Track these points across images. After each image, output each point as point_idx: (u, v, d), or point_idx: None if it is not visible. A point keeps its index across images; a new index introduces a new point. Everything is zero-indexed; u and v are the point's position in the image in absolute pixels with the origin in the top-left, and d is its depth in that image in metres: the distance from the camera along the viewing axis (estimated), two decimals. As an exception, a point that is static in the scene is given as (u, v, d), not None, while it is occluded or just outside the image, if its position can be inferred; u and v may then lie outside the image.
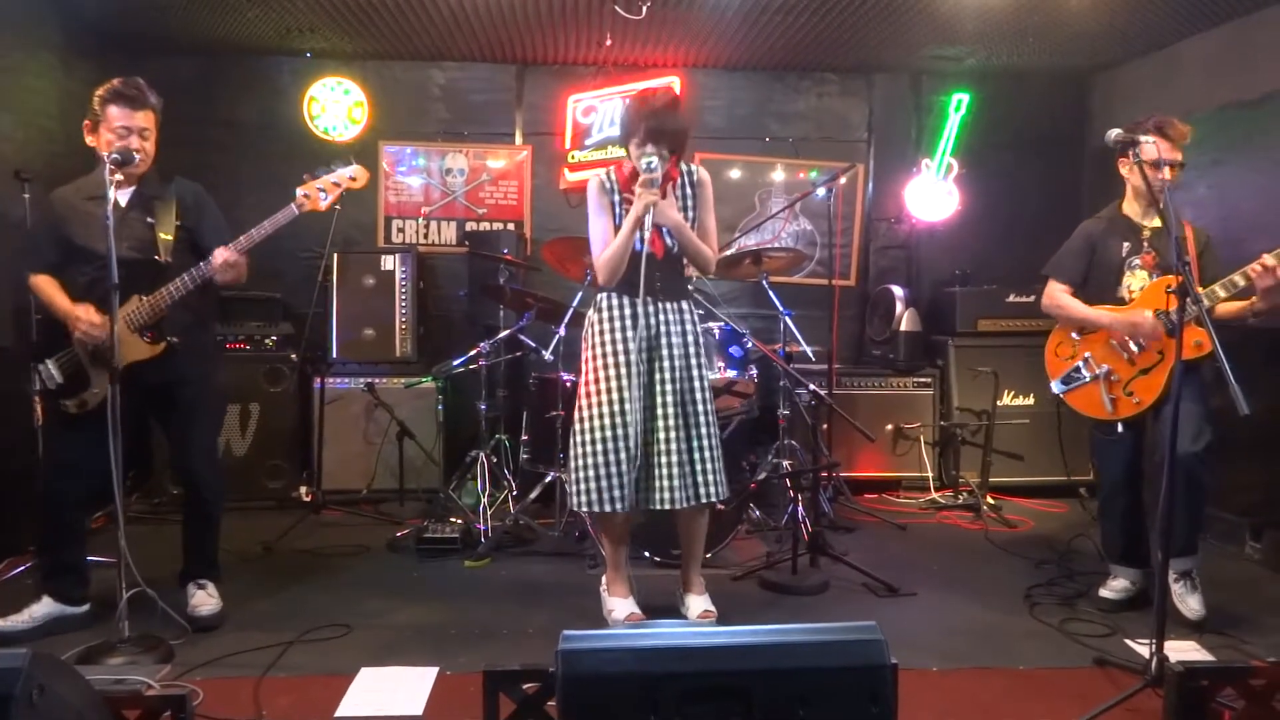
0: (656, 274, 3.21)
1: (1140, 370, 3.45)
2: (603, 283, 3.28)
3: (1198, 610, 3.38)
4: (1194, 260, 3.37)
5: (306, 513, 4.77)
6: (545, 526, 4.48)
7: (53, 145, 4.56)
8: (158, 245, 3.26)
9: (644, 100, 3.23)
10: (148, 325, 3.22)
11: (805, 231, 6.12)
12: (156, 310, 3.20)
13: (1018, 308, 5.58)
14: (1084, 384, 3.58)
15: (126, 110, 3.20)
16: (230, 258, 3.21)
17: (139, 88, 3.24)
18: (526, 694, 2.07)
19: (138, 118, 3.22)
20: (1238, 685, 2.32)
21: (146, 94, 3.25)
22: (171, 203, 3.33)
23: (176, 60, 5.51)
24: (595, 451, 3.22)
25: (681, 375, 3.26)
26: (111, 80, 3.23)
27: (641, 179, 3.12)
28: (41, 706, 1.73)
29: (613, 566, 3.44)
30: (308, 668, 3.00)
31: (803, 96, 6.08)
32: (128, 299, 3.16)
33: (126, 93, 3.20)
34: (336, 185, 3.37)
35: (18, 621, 3.23)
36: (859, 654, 1.78)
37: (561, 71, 5.92)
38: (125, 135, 3.20)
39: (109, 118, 3.20)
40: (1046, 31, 5.02)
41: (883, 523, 4.92)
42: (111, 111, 3.19)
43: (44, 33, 4.60)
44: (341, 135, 5.77)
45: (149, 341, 3.22)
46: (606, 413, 3.22)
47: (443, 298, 5.84)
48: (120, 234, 3.09)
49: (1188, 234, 3.43)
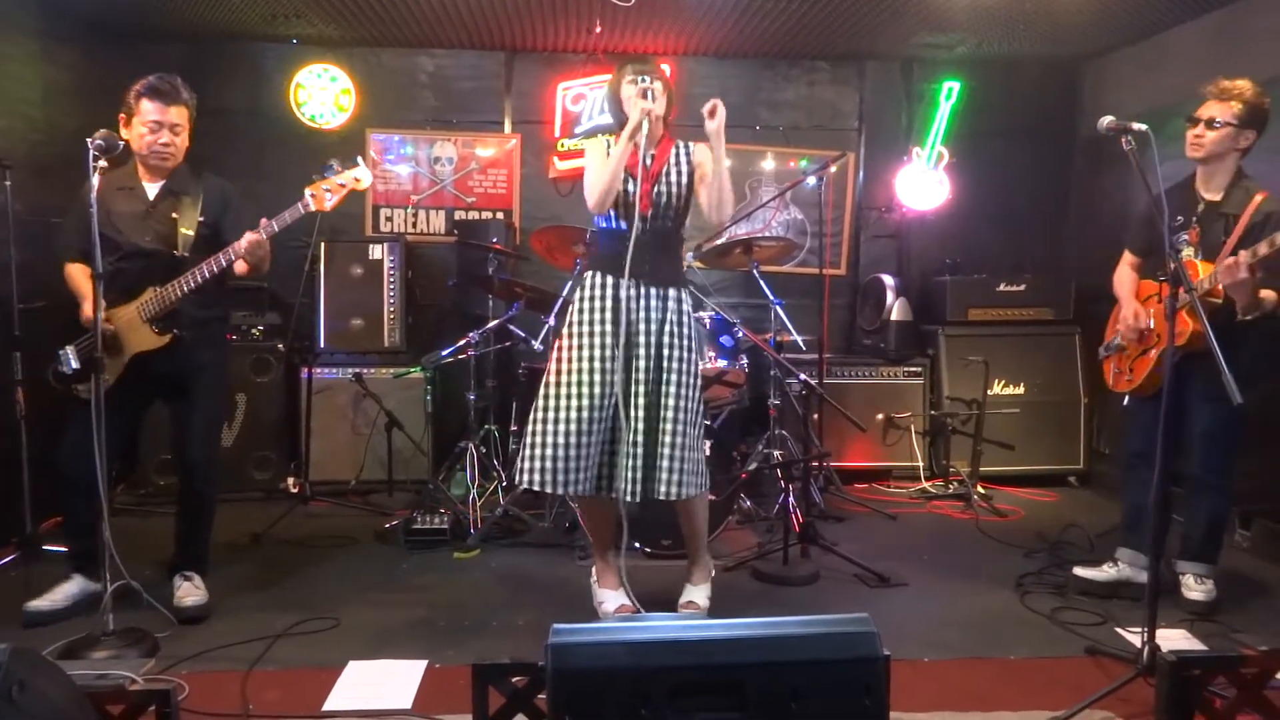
0: (645, 255, 3.13)
1: (1143, 350, 3.48)
2: (591, 208, 3.19)
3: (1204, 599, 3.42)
4: (1237, 234, 3.23)
5: (294, 504, 4.74)
6: (535, 517, 4.47)
7: (35, 133, 4.50)
8: (177, 239, 3.30)
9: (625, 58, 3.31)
10: (158, 316, 3.26)
11: (796, 220, 6.10)
12: (167, 301, 3.24)
13: (1008, 296, 5.57)
14: (1111, 353, 3.66)
15: (159, 105, 3.26)
16: (256, 238, 3.22)
17: (173, 84, 3.30)
18: (516, 687, 2.06)
19: (170, 113, 3.27)
20: (1229, 674, 2.32)
21: (180, 90, 3.31)
22: (198, 198, 3.38)
23: (160, 46, 5.44)
24: (553, 431, 3.09)
25: (652, 366, 3.15)
26: (147, 76, 3.29)
27: (638, 89, 3.10)
28: (22, 703, 1.70)
29: (601, 557, 3.41)
30: (295, 661, 2.98)
31: (793, 85, 6.05)
32: (142, 290, 3.24)
33: (160, 88, 3.26)
34: (343, 186, 3.39)
35: (53, 601, 3.28)
36: (851, 646, 1.77)
37: (551, 59, 5.88)
38: (156, 129, 3.26)
39: (141, 112, 3.25)
40: (1037, 19, 5.01)
41: (873, 513, 4.92)
42: (144, 106, 3.25)
43: (25, 19, 4.52)
44: (329, 123, 5.71)
45: (157, 332, 3.27)
46: (574, 394, 3.10)
47: (431, 287, 5.80)
48: (145, 225, 3.28)
49: (1249, 209, 3.26)
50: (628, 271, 3.04)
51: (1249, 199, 3.28)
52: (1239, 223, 3.26)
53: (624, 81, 3.23)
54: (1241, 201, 3.29)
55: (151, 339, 3.27)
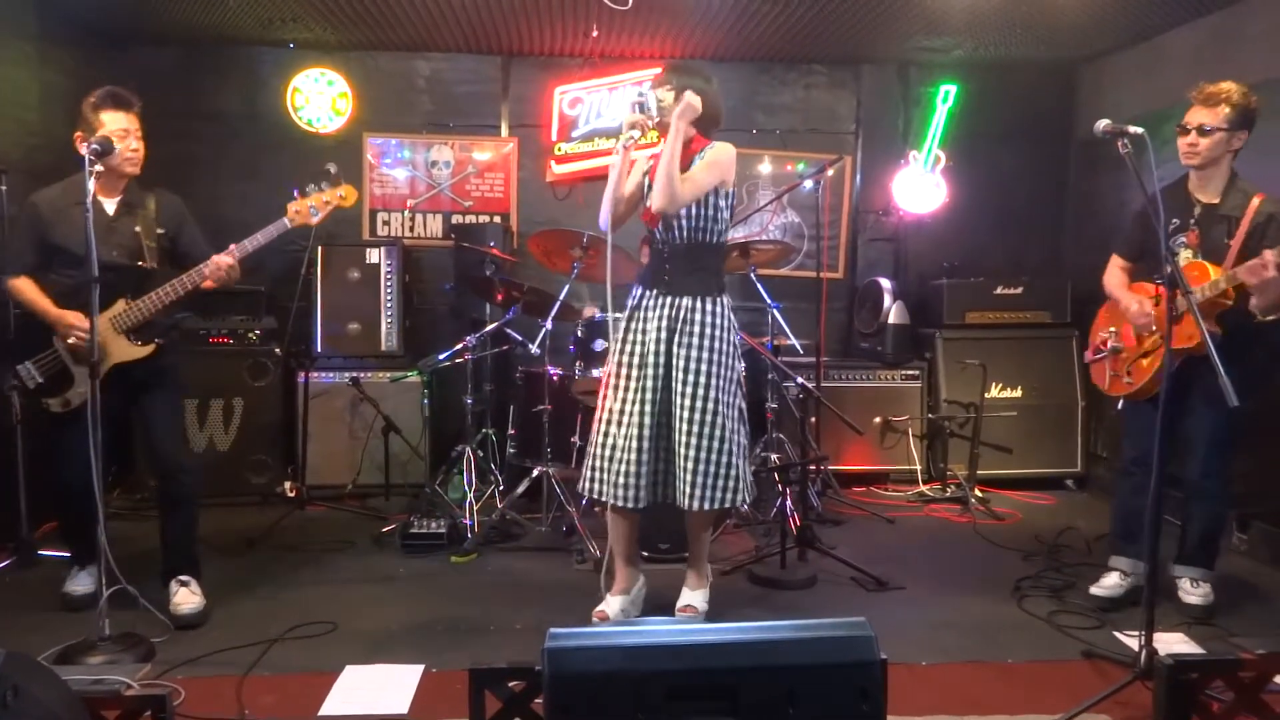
0: (665, 265, 3.21)
1: (1142, 353, 3.45)
2: (600, 223, 3.22)
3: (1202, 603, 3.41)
4: (1238, 241, 3.23)
5: (291, 508, 4.72)
6: (532, 521, 4.46)
7: (31, 137, 4.50)
8: (144, 251, 3.32)
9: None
10: (135, 328, 3.28)
11: (793, 224, 6.10)
12: (145, 314, 3.28)
13: (1005, 300, 5.58)
14: (1104, 357, 3.61)
15: (124, 112, 3.25)
16: (229, 262, 3.27)
17: (127, 91, 3.29)
18: (513, 692, 2.05)
19: (133, 119, 3.28)
20: (1227, 677, 2.33)
21: (134, 98, 3.31)
22: (152, 211, 3.40)
23: (157, 51, 5.45)
24: (600, 443, 3.22)
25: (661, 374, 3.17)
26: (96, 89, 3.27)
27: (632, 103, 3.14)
28: (15, 708, 1.69)
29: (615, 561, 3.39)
30: (291, 666, 2.97)
31: (790, 88, 6.06)
32: (114, 302, 3.24)
33: (120, 95, 3.27)
34: (327, 204, 3.41)
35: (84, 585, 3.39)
36: (848, 650, 1.76)
37: (547, 63, 5.88)
38: (124, 137, 3.24)
39: (105, 123, 3.21)
40: (1033, 22, 5.01)
41: (871, 516, 4.92)
42: (106, 116, 3.23)
43: (20, 23, 4.53)
44: (325, 127, 5.71)
45: (139, 344, 3.29)
46: (617, 408, 3.19)
47: (428, 291, 5.80)
48: (109, 239, 3.24)
49: (1249, 211, 3.27)
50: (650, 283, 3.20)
51: (1247, 201, 3.28)
52: (1241, 225, 3.26)
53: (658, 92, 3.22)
54: (1240, 204, 3.29)
55: (131, 350, 3.29)
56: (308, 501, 4.83)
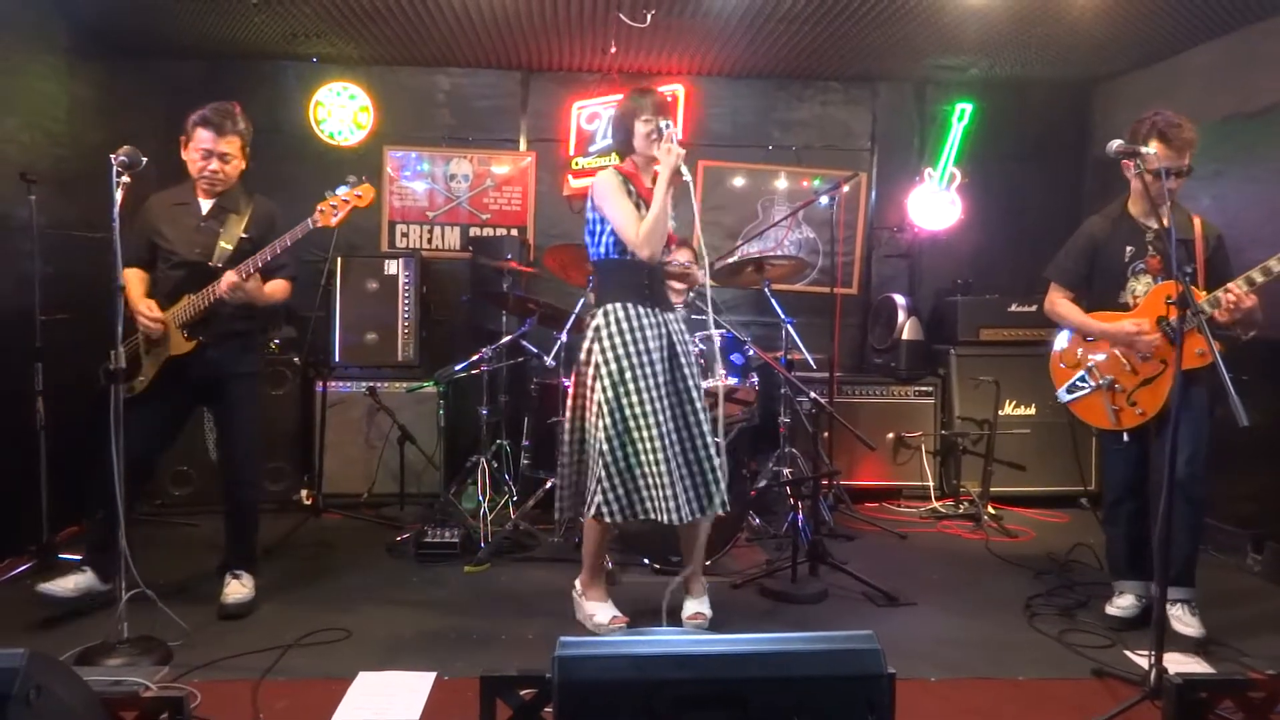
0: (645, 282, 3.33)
1: (1143, 380, 3.39)
2: (647, 256, 3.26)
3: (1196, 633, 3.35)
4: (1201, 263, 3.30)
5: (307, 516, 4.78)
6: (545, 532, 4.48)
7: (58, 148, 4.57)
8: (215, 253, 3.47)
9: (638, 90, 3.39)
10: (188, 323, 3.44)
11: (808, 239, 6.12)
12: (196, 310, 3.43)
13: (1020, 317, 5.58)
14: (1088, 393, 3.53)
15: (211, 135, 3.46)
16: (234, 280, 3.37)
17: (227, 114, 3.49)
18: (523, 700, 2.07)
19: (221, 143, 3.46)
20: (1237, 697, 2.32)
21: (235, 120, 3.50)
22: (244, 216, 3.54)
23: (182, 64, 5.53)
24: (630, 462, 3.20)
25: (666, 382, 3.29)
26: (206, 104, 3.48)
27: (666, 134, 3.22)
28: (39, 707, 1.73)
29: (598, 571, 3.48)
30: (306, 671, 3.01)
31: (806, 105, 6.09)
32: (180, 298, 3.45)
33: (213, 119, 3.46)
34: (346, 203, 3.48)
35: (63, 587, 3.39)
36: (855, 663, 1.77)
37: (566, 78, 5.94)
38: (207, 157, 3.45)
39: (196, 139, 3.46)
40: (1049, 42, 5.04)
41: (883, 532, 4.92)
42: (198, 134, 3.45)
43: (50, 35, 4.61)
44: (347, 140, 5.79)
45: (186, 338, 3.46)
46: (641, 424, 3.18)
47: (445, 302, 5.84)
48: (194, 238, 3.49)
49: (1197, 233, 3.34)
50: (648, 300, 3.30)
51: (1189, 221, 3.38)
52: (1196, 247, 3.33)
53: (639, 120, 3.30)
54: (1184, 224, 3.34)
55: (181, 344, 3.45)
56: (323, 510, 4.88)
